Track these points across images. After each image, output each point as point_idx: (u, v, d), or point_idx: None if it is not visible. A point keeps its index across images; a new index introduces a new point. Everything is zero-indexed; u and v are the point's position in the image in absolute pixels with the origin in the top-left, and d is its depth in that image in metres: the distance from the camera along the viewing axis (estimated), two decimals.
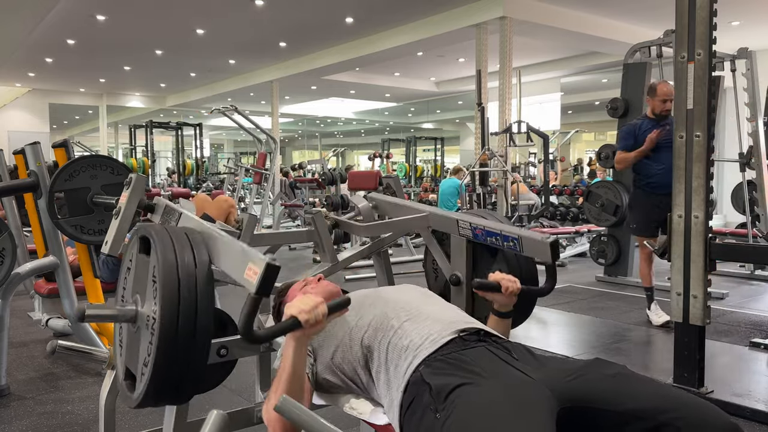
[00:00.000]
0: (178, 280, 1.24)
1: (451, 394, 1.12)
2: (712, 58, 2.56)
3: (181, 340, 1.22)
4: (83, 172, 2.85)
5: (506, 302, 1.56)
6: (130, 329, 1.39)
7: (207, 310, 1.25)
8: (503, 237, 1.67)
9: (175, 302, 1.22)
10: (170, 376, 1.25)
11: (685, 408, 1.10)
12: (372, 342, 1.35)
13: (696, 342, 2.66)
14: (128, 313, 1.35)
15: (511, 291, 1.53)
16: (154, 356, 1.21)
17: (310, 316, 1.19)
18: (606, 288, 5.43)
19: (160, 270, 1.24)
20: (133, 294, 1.40)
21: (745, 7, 8.83)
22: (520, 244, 1.64)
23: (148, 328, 1.27)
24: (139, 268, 1.41)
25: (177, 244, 1.30)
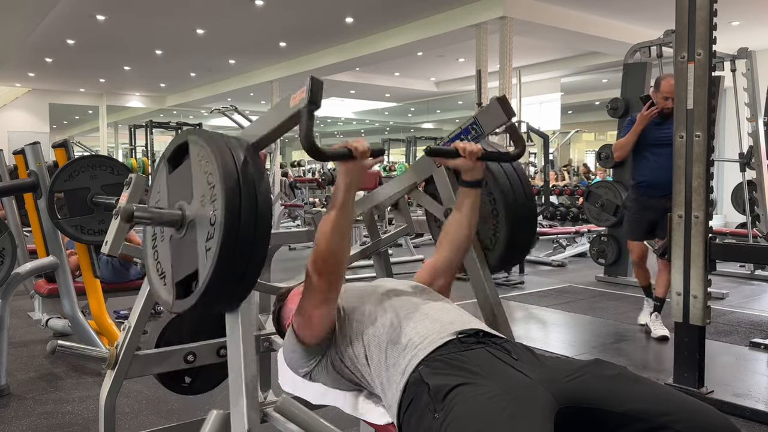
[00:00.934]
0: (230, 152, 1.26)
1: (450, 394, 1.12)
2: (712, 58, 2.56)
3: (243, 228, 1.22)
4: (83, 172, 2.85)
5: (471, 166, 1.53)
6: (175, 239, 1.38)
7: (265, 191, 1.27)
8: (465, 131, 1.67)
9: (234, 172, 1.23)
10: (231, 274, 1.24)
11: (684, 410, 1.10)
12: (371, 339, 1.35)
13: (696, 342, 2.66)
14: (174, 216, 1.36)
15: (470, 151, 1.51)
16: (222, 225, 1.20)
17: (358, 144, 1.29)
18: (606, 288, 5.43)
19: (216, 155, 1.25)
20: (175, 202, 1.40)
21: (745, 7, 8.83)
22: (479, 126, 1.63)
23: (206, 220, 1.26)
24: (174, 182, 1.42)
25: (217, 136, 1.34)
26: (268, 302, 2.05)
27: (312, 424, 1.77)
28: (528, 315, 4.52)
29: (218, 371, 2.08)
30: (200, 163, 1.31)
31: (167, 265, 1.42)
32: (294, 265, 6.81)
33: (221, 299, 1.34)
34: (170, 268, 1.41)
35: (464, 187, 1.57)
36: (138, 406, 2.66)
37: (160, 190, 1.48)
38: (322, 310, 1.35)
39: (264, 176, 1.30)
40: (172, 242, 1.41)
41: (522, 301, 4.87)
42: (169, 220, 1.37)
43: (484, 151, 1.54)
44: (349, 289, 1.54)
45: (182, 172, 1.40)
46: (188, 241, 1.34)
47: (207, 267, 1.25)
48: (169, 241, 1.42)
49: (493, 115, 1.59)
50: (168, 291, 1.41)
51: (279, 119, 1.32)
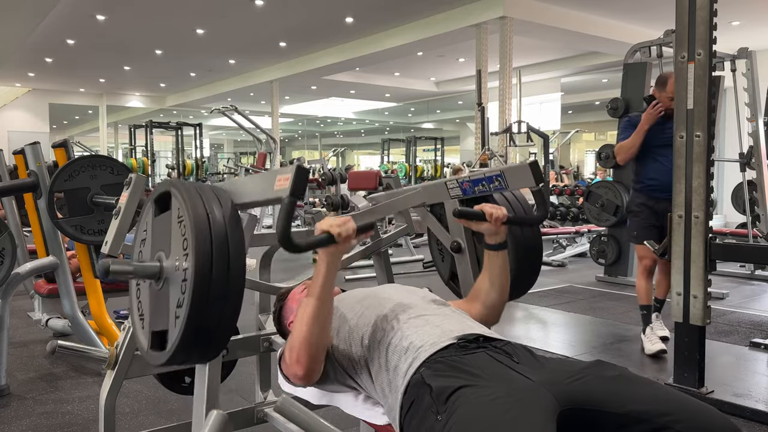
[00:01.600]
0: (208, 221, 1.23)
1: (452, 395, 1.12)
2: (712, 58, 2.56)
3: (214, 285, 1.21)
4: (83, 172, 2.85)
5: (495, 231, 1.52)
6: (153, 289, 1.37)
7: (239, 255, 1.25)
8: (488, 179, 1.66)
9: (208, 249, 1.21)
10: (202, 329, 1.23)
11: (685, 411, 1.10)
12: (372, 342, 1.35)
13: (696, 342, 2.66)
14: (151, 269, 1.34)
15: (496, 217, 1.50)
16: (188, 305, 1.19)
17: (341, 229, 1.25)
18: (606, 288, 5.43)
19: (190, 217, 1.24)
20: (155, 253, 1.39)
21: (745, 7, 8.83)
22: (504, 180, 1.62)
23: (177, 282, 1.26)
24: (159, 228, 1.40)
25: (201, 192, 1.31)
26: (268, 302, 2.05)
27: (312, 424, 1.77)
28: (528, 315, 4.52)
29: None
30: (178, 221, 1.30)
31: (146, 309, 1.42)
32: (294, 265, 6.80)
33: (191, 361, 1.36)
34: (148, 315, 1.41)
35: (490, 251, 1.56)
36: (138, 406, 2.66)
37: (146, 230, 1.47)
38: (306, 382, 1.34)
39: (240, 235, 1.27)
40: (151, 289, 1.39)
41: (522, 301, 4.86)
42: (148, 274, 1.35)
43: (508, 217, 1.53)
44: (350, 295, 1.54)
45: (164, 222, 1.38)
46: (164, 295, 1.33)
47: (176, 332, 1.25)
48: (148, 286, 1.41)
49: (522, 177, 1.58)
50: (145, 337, 1.41)
51: (263, 195, 1.29)
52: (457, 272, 1.96)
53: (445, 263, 2.15)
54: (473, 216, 1.52)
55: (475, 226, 1.54)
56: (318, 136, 28.89)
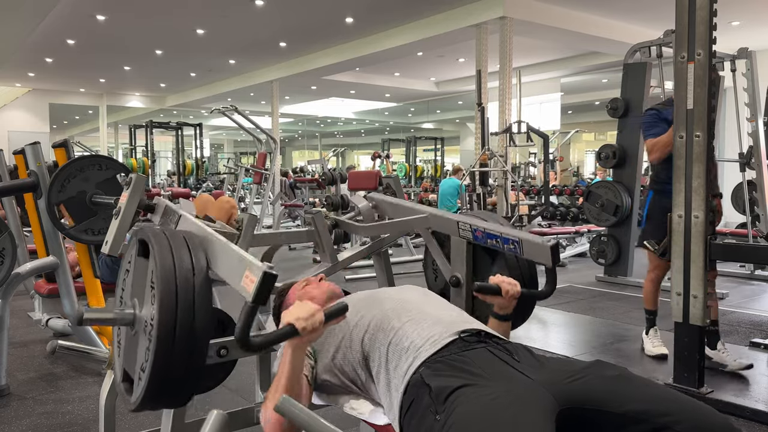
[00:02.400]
0: (175, 287, 1.23)
1: (451, 395, 1.12)
2: (712, 58, 2.56)
3: (178, 347, 1.22)
4: (73, 178, 2.84)
5: (506, 305, 1.57)
6: (129, 332, 1.39)
7: (204, 316, 1.25)
8: (503, 239, 1.68)
9: (173, 309, 1.21)
10: (167, 382, 1.25)
11: (684, 411, 1.10)
12: (372, 343, 1.35)
13: (696, 342, 2.66)
14: (126, 317, 1.35)
15: (511, 294, 1.54)
16: (152, 362, 1.21)
17: (307, 323, 1.18)
18: (606, 288, 5.43)
19: (158, 276, 1.24)
20: (132, 297, 1.40)
21: (745, 7, 8.82)
22: (520, 247, 1.65)
23: (146, 333, 1.27)
24: (138, 272, 1.40)
25: (175, 249, 1.29)
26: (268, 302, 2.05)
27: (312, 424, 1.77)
28: None
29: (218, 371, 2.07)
30: (150, 274, 1.30)
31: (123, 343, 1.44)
32: (294, 265, 6.81)
33: (160, 407, 1.39)
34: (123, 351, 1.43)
35: (497, 320, 1.60)
36: None
37: (130, 264, 1.47)
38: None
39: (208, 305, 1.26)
40: (127, 334, 1.41)
41: None
42: (122, 322, 1.37)
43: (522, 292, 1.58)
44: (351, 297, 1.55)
45: (144, 267, 1.37)
46: (135, 341, 1.35)
47: (141, 387, 1.27)
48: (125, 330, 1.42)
49: (540, 254, 1.62)
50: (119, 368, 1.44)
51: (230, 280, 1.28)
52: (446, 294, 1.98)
53: (437, 284, 2.18)
54: (490, 291, 1.56)
55: (489, 299, 1.58)
56: (318, 136, 28.88)
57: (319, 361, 1.46)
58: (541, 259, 1.62)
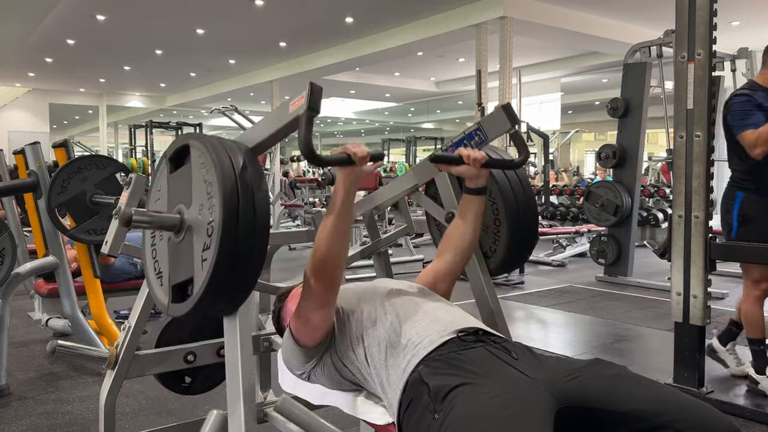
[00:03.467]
0: (231, 163, 1.25)
1: (449, 394, 1.12)
2: (712, 58, 2.56)
3: (242, 221, 1.23)
4: (73, 179, 2.84)
5: (475, 173, 1.52)
6: (173, 242, 1.38)
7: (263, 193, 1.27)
8: (468, 136, 1.66)
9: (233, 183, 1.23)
10: (230, 275, 1.24)
11: (684, 410, 1.10)
12: (371, 339, 1.35)
13: (696, 342, 2.66)
14: (172, 220, 1.36)
15: (474, 158, 1.50)
16: (218, 241, 1.21)
17: (357, 150, 1.27)
18: (606, 288, 5.43)
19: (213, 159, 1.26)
20: (172, 208, 1.40)
21: (745, 7, 8.83)
22: (483, 132, 1.62)
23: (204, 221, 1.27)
24: (174, 184, 1.42)
25: (218, 139, 1.33)
26: (268, 302, 2.05)
27: (312, 424, 1.77)
28: (528, 315, 4.52)
29: (218, 371, 2.08)
30: (200, 171, 1.31)
31: (165, 266, 1.42)
32: (294, 265, 6.81)
33: (216, 308, 1.35)
34: (167, 270, 1.41)
35: (468, 195, 1.57)
36: (138, 406, 2.66)
37: (160, 189, 1.48)
38: (320, 313, 1.34)
39: (263, 183, 1.29)
40: (170, 244, 1.40)
41: (522, 301, 4.87)
42: (168, 225, 1.37)
43: (488, 158, 1.52)
44: (348, 289, 1.54)
45: (183, 175, 1.39)
46: (186, 246, 1.34)
47: (202, 278, 1.25)
48: (167, 242, 1.41)
49: (498, 122, 1.59)
50: (165, 292, 1.41)
51: (278, 124, 1.32)
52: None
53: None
54: (450, 160, 1.52)
55: (454, 171, 1.55)
56: (318, 136, 28.90)
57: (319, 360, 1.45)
58: (503, 127, 1.59)
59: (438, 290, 1.58)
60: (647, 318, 4.27)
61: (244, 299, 1.36)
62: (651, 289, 5.25)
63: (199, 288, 1.26)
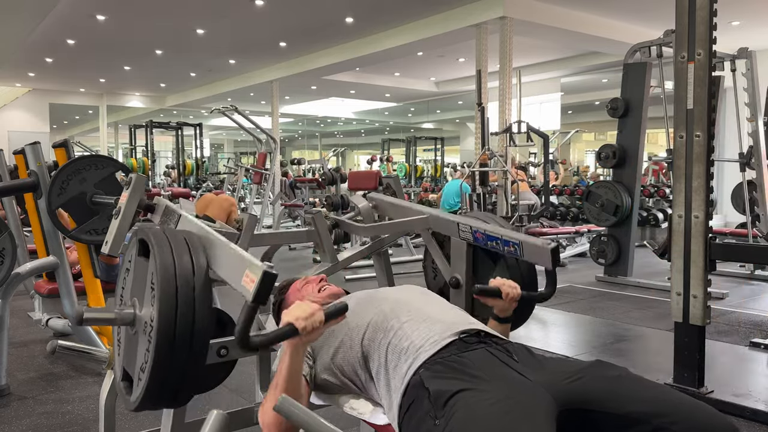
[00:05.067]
0: (175, 287, 1.22)
1: (450, 400, 1.12)
2: (712, 58, 2.56)
3: (178, 348, 1.21)
4: (72, 180, 2.83)
5: (506, 307, 1.57)
6: (129, 332, 1.39)
7: (204, 316, 1.24)
8: (503, 242, 1.68)
9: (172, 310, 1.21)
10: (167, 382, 1.25)
11: (685, 412, 1.10)
12: (372, 343, 1.35)
13: (696, 342, 2.66)
14: (126, 317, 1.35)
15: (511, 297, 1.54)
16: (151, 362, 1.21)
17: (307, 323, 1.18)
18: (606, 288, 5.43)
19: (158, 276, 1.23)
20: (132, 297, 1.40)
21: (745, 7, 8.82)
22: (521, 249, 1.65)
23: (146, 333, 1.27)
24: (138, 271, 1.40)
25: (175, 249, 1.29)
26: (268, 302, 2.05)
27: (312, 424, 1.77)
28: None
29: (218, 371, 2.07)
30: (150, 277, 1.30)
31: (123, 342, 1.44)
32: (294, 265, 6.81)
33: (159, 407, 1.39)
34: (123, 350, 1.43)
35: (497, 322, 1.59)
36: None
37: (130, 264, 1.46)
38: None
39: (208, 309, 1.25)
40: (127, 333, 1.41)
41: None
42: (121, 322, 1.36)
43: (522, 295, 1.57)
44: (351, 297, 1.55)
45: (144, 266, 1.37)
46: (135, 341, 1.34)
47: (141, 386, 1.26)
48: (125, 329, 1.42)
49: (539, 255, 1.62)
50: (119, 367, 1.43)
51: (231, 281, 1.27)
52: (444, 293, 1.97)
53: (436, 282, 2.18)
54: (491, 294, 1.55)
55: (490, 302, 1.58)
56: (318, 136, 28.86)
57: (318, 360, 1.46)
58: (542, 261, 1.62)
59: None
60: (647, 318, 4.27)
61: (185, 402, 1.38)
62: (651, 289, 5.25)
63: (137, 395, 1.28)
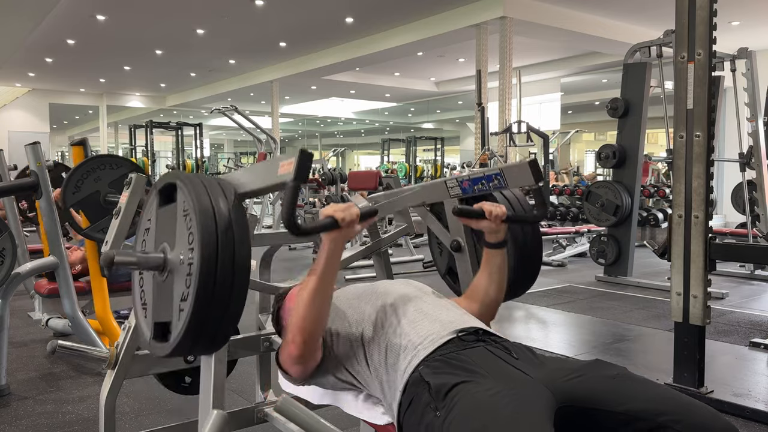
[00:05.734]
0: (214, 216, 1.23)
1: (450, 392, 1.12)
2: (712, 58, 2.56)
3: (220, 276, 1.21)
4: (86, 179, 2.86)
5: (495, 229, 1.52)
6: (157, 280, 1.37)
7: (244, 246, 1.25)
8: (487, 178, 1.66)
9: (213, 241, 1.21)
10: (209, 317, 1.23)
11: (683, 410, 1.10)
12: (371, 340, 1.36)
13: (696, 342, 2.66)
14: (155, 260, 1.34)
15: (496, 215, 1.50)
16: (194, 294, 1.19)
17: (344, 214, 1.24)
18: (606, 288, 5.43)
19: (196, 210, 1.23)
20: (158, 245, 1.39)
21: (745, 7, 8.83)
22: (503, 178, 1.62)
23: (184, 271, 1.25)
24: (162, 219, 1.40)
25: (205, 183, 1.31)
26: (268, 302, 2.05)
27: (312, 424, 1.77)
28: (528, 315, 4.52)
29: None
30: (183, 216, 1.29)
31: (149, 299, 1.42)
32: (294, 265, 6.81)
33: (195, 351, 1.36)
34: (151, 306, 1.40)
35: (489, 249, 1.56)
36: (138, 406, 2.66)
37: (150, 219, 1.46)
38: (301, 368, 1.34)
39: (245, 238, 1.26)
40: (155, 280, 1.39)
41: (522, 301, 4.86)
42: (152, 265, 1.35)
43: (507, 215, 1.53)
44: (348, 290, 1.54)
45: (169, 213, 1.37)
46: (168, 287, 1.33)
47: (179, 328, 1.25)
48: (152, 276, 1.40)
49: (521, 176, 1.56)
50: (148, 326, 1.40)
51: (266, 181, 1.29)
52: (453, 267, 1.96)
53: (442, 258, 2.16)
54: (473, 214, 1.52)
55: (474, 224, 1.54)
56: (318, 136, 28.88)
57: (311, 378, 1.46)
58: (525, 181, 1.58)
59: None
60: (647, 318, 4.28)
61: (223, 343, 1.36)
62: (651, 289, 5.25)
63: (176, 335, 1.25)
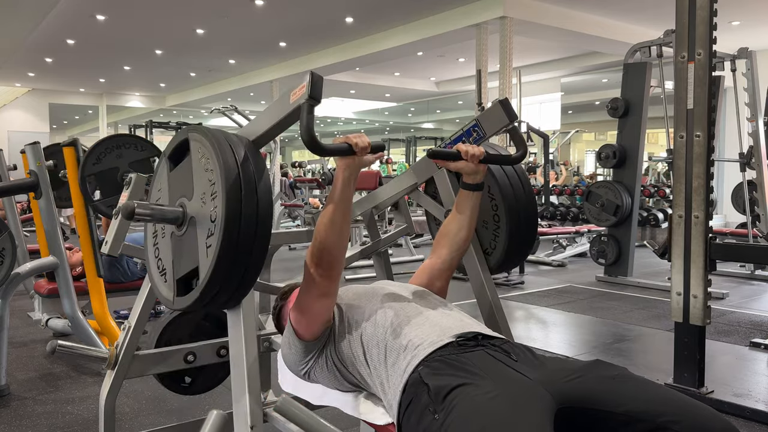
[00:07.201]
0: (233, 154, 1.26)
1: (450, 394, 1.12)
2: (712, 58, 2.56)
3: (245, 211, 1.23)
4: (109, 153, 2.92)
5: (474, 169, 1.51)
6: (176, 237, 1.40)
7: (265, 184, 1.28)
8: (467, 133, 1.65)
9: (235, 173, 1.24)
10: (233, 267, 1.25)
11: (683, 411, 1.10)
12: (371, 339, 1.35)
13: (696, 342, 2.66)
14: (175, 212, 1.37)
15: (472, 154, 1.49)
16: (222, 229, 1.21)
17: (358, 140, 1.28)
18: (606, 288, 5.43)
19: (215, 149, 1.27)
20: (174, 203, 1.42)
21: (745, 7, 8.83)
22: (481, 128, 1.62)
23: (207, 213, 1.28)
24: (177, 177, 1.43)
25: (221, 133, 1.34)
26: (268, 302, 2.05)
27: (312, 424, 1.77)
28: (528, 315, 4.52)
29: (218, 371, 2.08)
30: (201, 161, 1.32)
31: (168, 262, 1.43)
32: (294, 265, 6.80)
33: (222, 296, 1.34)
34: (171, 265, 1.42)
35: (465, 190, 1.56)
36: (138, 406, 2.66)
37: (161, 188, 1.49)
38: (320, 303, 1.35)
39: (265, 172, 1.30)
40: (173, 239, 1.42)
41: (522, 301, 4.87)
42: (171, 217, 1.38)
43: (486, 154, 1.51)
44: (349, 289, 1.54)
45: (183, 170, 1.41)
46: (189, 238, 1.35)
47: (208, 264, 1.26)
48: (170, 238, 1.43)
49: (495, 118, 1.58)
50: (169, 288, 1.42)
51: (279, 115, 1.32)
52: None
53: None
54: (448, 156, 1.51)
55: (452, 166, 1.53)
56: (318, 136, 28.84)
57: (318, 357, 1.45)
58: (500, 122, 1.58)
59: (434, 288, 1.57)
60: (647, 318, 4.28)
61: (249, 288, 1.37)
62: (651, 289, 5.26)
63: (204, 275, 1.27)
